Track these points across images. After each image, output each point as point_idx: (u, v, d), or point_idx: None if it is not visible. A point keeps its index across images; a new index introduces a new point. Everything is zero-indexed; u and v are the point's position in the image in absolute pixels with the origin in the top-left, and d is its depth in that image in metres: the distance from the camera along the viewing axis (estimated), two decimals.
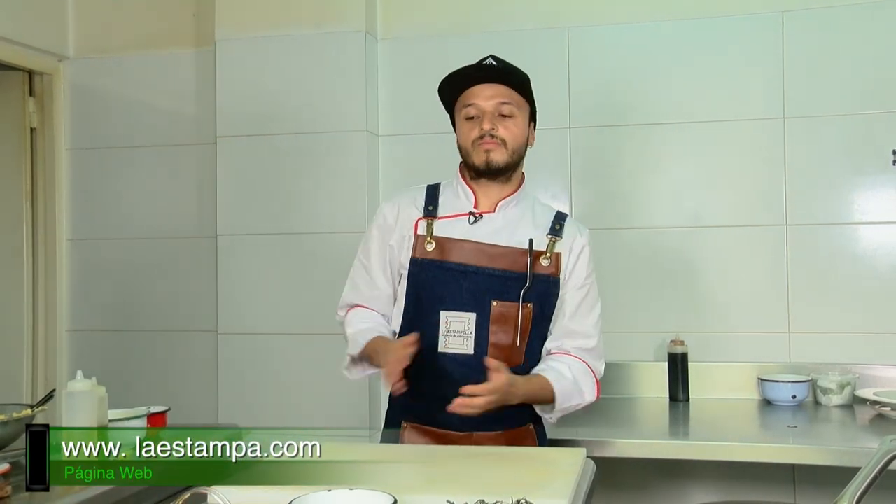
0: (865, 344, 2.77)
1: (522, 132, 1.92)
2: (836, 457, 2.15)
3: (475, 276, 1.86)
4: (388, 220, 1.97)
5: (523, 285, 1.86)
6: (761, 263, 2.86)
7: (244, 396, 2.92)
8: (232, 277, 3.04)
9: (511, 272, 1.87)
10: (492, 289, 1.86)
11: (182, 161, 3.24)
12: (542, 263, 1.90)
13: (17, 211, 3.25)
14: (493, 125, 1.87)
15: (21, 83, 3.23)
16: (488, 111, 1.87)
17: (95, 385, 1.76)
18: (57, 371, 3.24)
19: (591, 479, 1.58)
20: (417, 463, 1.59)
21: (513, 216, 1.94)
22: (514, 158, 1.91)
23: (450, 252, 1.88)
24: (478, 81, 1.88)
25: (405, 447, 1.80)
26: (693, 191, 2.91)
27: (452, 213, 1.94)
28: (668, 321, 2.87)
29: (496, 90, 1.87)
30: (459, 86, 1.91)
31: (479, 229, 1.91)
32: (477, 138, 1.88)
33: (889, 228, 2.80)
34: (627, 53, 2.96)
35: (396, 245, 1.94)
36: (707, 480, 2.72)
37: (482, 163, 1.88)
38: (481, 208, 1.94)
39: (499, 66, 1.88)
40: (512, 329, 1.86)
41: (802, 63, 2.84)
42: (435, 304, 1.87)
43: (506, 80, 1.88)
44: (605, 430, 2.44)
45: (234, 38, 3.05)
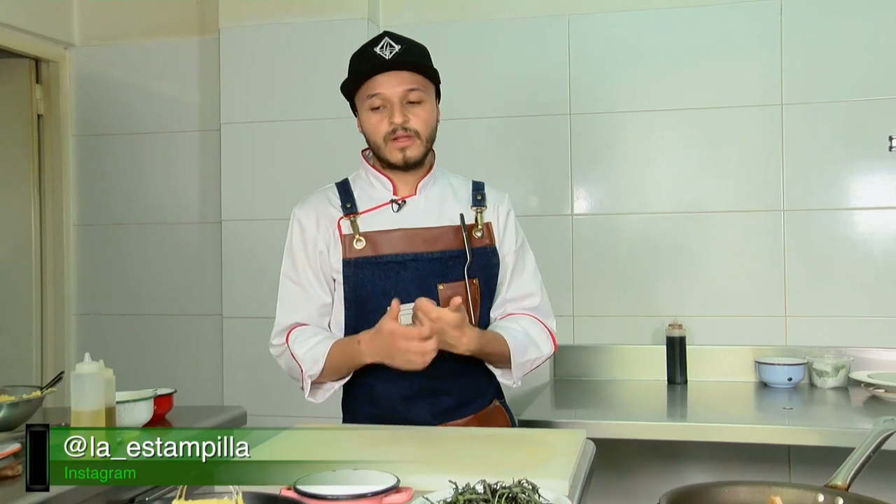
0: (860, 327, 2.78)
1: (433, 115, 1.81)
2: (831, 437, 2.15)
3: (414, 264, 1.77)
4: (306, 227, 1.83)
5: (464, 262, 1.78)
6: (758, 248, 2.86)
7: (249, 379, 2.93)
8: (237, 262, 3.04)
9: (450, 251, 1.79)
10: (434, 272, 1.77)
11: (187, 147, 3.24)
12: (475, 236, 1.82)
13: (25, 197, 3.25)
14: (405, 117, 1.75)
15: (28, 70, 3.22)
16: (396, 101, 1.74)
17: (103, 367, 1.76)
18: (65, 354, 3.25)
19: (591, 459, 1.58)
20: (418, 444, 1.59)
21: (434, 195, 1.85)
22: (428, 146, 1.81)
23: (381, 245, 1.78)
24: (380, 70, 1.74)
25: (406, 429, 1.78)
26: (692, 177, 2.91)
27: (373, 206, 1.83)
28: (666, 305, 2.87)
29: (401, 77, 1.74)
30: (360, 76, 1.77)
31: (405, 215, 1.82)
32: (388, 133, 1.76)
33: (885, 214, 2.79)
34: (627, 41, 2.94)
35: (324, 249, 1.82)
36: (704, 461, 2.73)
37: (398, 160, 1.78)
38: (401, 194, 1.83)
39: (400, 49, 1.75)
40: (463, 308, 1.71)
41: (801, 50, 2.82)
42: (379, 302, 1.73)
43: (410, 66, 1.75)
44: (604, 412, 2.45)
45: (239, 26, 3.04)
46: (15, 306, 3.24)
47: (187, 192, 3.24)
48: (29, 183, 3.25)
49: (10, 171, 3.25)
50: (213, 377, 3.05)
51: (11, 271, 3.25)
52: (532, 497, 1.21)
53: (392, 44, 1.75)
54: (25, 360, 3.21)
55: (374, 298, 1.77)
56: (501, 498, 1.19)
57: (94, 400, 1.73)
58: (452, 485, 1.23)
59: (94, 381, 1.73)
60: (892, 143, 2.74)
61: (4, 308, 3.24)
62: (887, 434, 1.35)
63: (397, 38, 1.77)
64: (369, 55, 1.76)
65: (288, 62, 3.00)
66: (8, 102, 3.22)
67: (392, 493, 1.27)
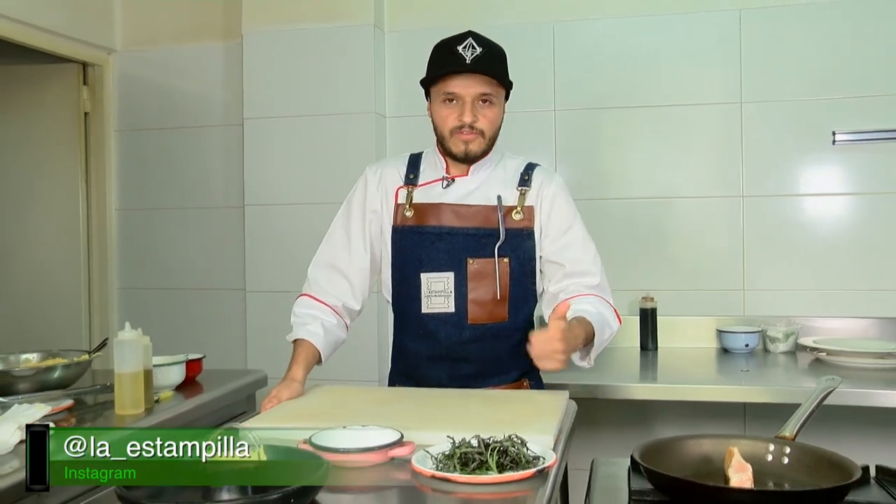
0: (807, 299, 2.78)
1: (499, 117, 1.74)
2: (781, 395, 2.15)
3: (450, 237, 1.71)
4: (369, 186, 1.80)
5: (497, 241, 1.71)
6: (720, 230, 2.85)
7: (269, 346, 2.91)
8: (258, 242, 3.02)
9: (484, 229, 1.72)
10: (467, 247, 1.71)
11: (213, 140, 3.22)
12: (513, 217, 1.73)
13: (74, 185, 3.25)
14: (475, 116, 1.68)
15: (76, 74, 3.22)
16: (469, 101, 1.67)
17: (141, 335, 1.76)
18: (109, 323, 3.25)
19: (573, 417, 1.58)
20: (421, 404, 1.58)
21: (484, 176, 1.77)
22: (490, 144, 1.74)
23: (426, 217, 1.73)
24: (459, 73, 1.66)
25: (407, 390, 1.78)
26: (663, 166, 2.89)
27: (429, 180, 1.78)
28: (640, 280, 2.86)
29: (478, 80, 1.66)
30: (440, 74, 1.69)
31: (452, 192, 1.75)
32: (456, 127, 1.69)
33: (829, 199, 2.79)
34: (606, 45, 2.92)
35: (380, 209, 1.79)
36: (671, 417, 2.74)
37: (460, 152, 1.71)
38: (453, 173, 1.77)
39: (481, 53, 1.66)
40: (491, 284, 1.70)
41: (757, 55, 2.81)
42: (416, 268, 1.73)
43: (488, 71, 1.66)
44: (585, 374, 2.44)
45: (259, 32, 3.01)
46: (66, 281, 3.24)
47: (214, 179, 3.23)
48: (77, 173, 3.25)
49: (61, 162, 3.25)
50: (238, 344, 3.05)
51: (62, 251, 3.25)
52: (520, 450, 1.21)
53: (474, 45, 1.67)
54: (75, 328, 3.22)
55: (410, 264, 1.75)
56: (493, 451, 1.19)
57: (133, 363, 1.74)
58: (450, 439, 1.24)
59: (134, 346, 1.74)
60: (836, 138, 2.73)
61: (57, 283, 3.25)
62: (828, 391, 1.36)
63: (479, 40, 1.69)
64: (452, 53, 1.67)
65: (303, 63, 2.97)
66: (59, 102, 3.22)
67: (396, 446, 1.28)
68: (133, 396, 1.73)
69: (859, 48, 2.73)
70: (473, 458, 1.18)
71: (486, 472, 1.17)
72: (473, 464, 1.18)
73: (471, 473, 1.16)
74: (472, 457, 1.19)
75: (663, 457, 1.21)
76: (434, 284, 1.70)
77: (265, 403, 1.59)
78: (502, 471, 1.17)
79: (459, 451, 1.20)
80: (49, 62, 3.14)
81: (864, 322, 2.72)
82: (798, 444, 1.25)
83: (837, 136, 2.73)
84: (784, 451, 1.24)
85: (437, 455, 1.22)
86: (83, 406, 1.81)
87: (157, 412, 1.77)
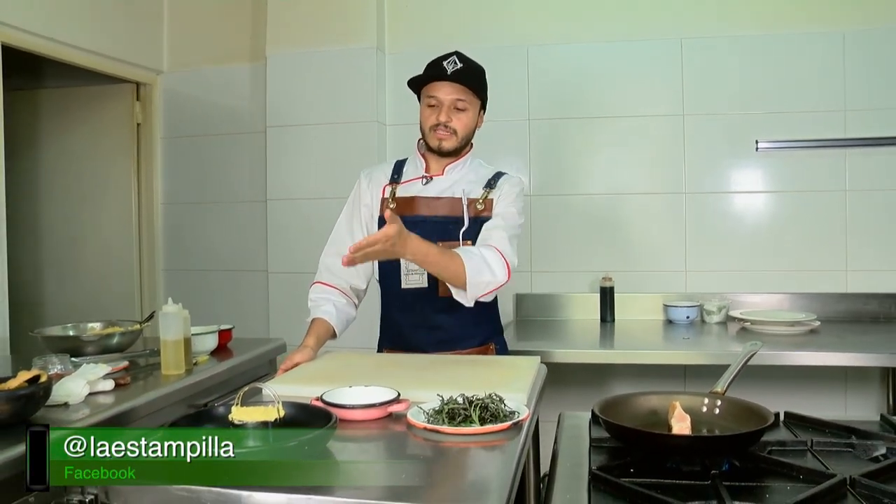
0: (736, 278, 2.79)
1: (472, 121, 1.75)
2: (714, 358, 2.17)
3: (423, 224, 1.70)
4: (362, 185, 1.83)
5: (461, 226, 1.72)
6: (667, 221, 2.84)
7: (288, 318, 2.89)
8: (279, 231, 2.99)
9: (450, 217, 1.73)
10: (436, 232, 1.69)
11: (241, 145, 3.18)
12: (476, 208, 1.74)
13: (128, 183, 3.25)
14: (449, 117, 1.71)
15: (131, 91, 3.23)
16: (446, 105, 1.71)
17: (181, 309, 1.75)
18: (156, 298, 3.23)
19: (544, 378, 1.58)
20: (415, 367, 1.57)
21: (458, 176, 1.78)
22: (462, 143, 1.76)
23: (405, 208, 1.74)
24: (441, 79, 1.71)
25: (403, 356, 1.75)
26: (619, 167, 2.87)
27: (410, 178, 1.80)
28: (600, 263, 2.85)
29: (455, 88, 1.70)
30: (426, 80, 1.74)
31: (429, 188, 1.77)
32: (434, 125, 1.72)
33: (753, 196, 2.80)
34: (572, 66, 2.89)
35: (370, 203, 1.81)
36: (625, 377, 2.74)
37: (436, 146, 1.74)
38: (432, 172, 1.79)
39: (461, 67, 1.70)
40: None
41: (696, 75, 2.80)
42: None
43: (464, 81, 1.70)
44: (553, 342, 2.44)
45: (280, 54, 2.97)
46: (121, 263, 3.24)
47: (242, 178, 3.19)
48: (130, 173, 3.25)
49: (118, 164, 3.25)
50: (261, 317, 3.02)
51: (119, 239, 3.25)
52: (499, 406, 1.21)
53: (457, 61, 1.71)
54: (129, 301, 3.21)
55: None
56: (476, 406, 1.19)
57: (175, 332, 1.73)
58: (440, 397, 1.23)
59: (176, 318, 1.73)
60: (759, 145, 2.75)
61: (115, 265, 3.25)
62: (752, 354, 1.37)
63: (462, 58, 1.73)
64: (437, 66, 1.72)
65: (316, 80, 2.93)
66: (117, 115, 3.24)
67: (394, 403, 1.27)
68: (175, 359, 1.73)
69: (778, 73, 2.75)
70: (459, 413, 1.18)
71: (470, 424, 1.16)
72: (459, 418, 1.17)
73: (457, 426, 1.16)
74: (458, 412, 1.18)
75: (618, 410, 1.21)
76: (411, 264, 1.68)
77: (282, 366, 1.59)
78: (483, 423, 1.16)
79: (447, 407, 1.20)
80: (110, 83, 3.16)
81: (781, 297, 2.75)
82: (727, 397, 1.26)
83: (760, 144, 2.75)
84: (716, 403, 1.25)
85: (429, 410, 1.21)
86: (136, 367, 1.80)
87: (195, 373, 1.77)
